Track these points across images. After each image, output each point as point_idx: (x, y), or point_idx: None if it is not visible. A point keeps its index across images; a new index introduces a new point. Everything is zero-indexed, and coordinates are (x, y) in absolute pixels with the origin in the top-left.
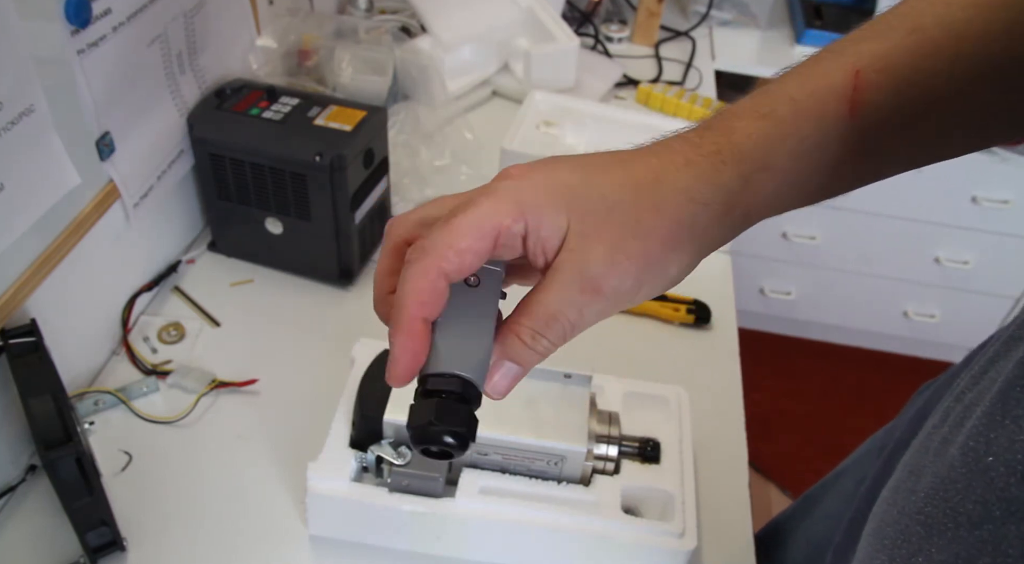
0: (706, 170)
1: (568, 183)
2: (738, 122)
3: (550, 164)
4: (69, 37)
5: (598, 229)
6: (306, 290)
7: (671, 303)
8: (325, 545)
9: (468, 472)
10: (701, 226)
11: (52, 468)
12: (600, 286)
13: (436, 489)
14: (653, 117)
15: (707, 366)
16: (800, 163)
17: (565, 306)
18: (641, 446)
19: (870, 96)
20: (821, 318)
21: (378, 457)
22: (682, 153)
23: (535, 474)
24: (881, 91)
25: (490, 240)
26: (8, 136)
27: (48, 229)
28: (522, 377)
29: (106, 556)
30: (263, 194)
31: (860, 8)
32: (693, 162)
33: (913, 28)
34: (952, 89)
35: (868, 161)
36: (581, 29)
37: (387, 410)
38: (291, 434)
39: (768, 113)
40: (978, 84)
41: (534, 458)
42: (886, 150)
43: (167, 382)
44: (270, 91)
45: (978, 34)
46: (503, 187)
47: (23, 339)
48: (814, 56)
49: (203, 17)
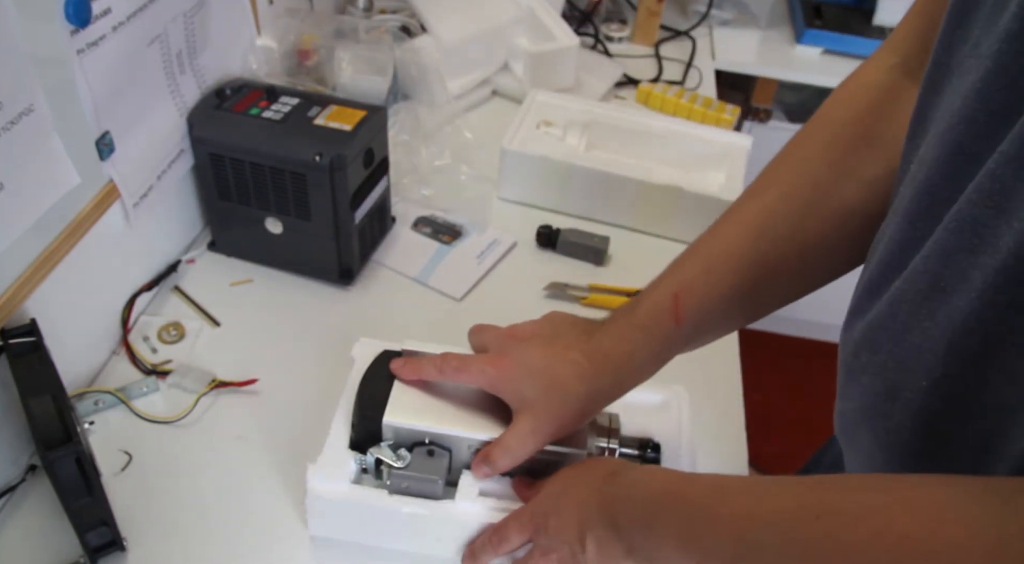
0: (593, 380)
1: (518, 376)
2: (614, 346)
3: (515, 356)
4: (69, 37)
5: (530, 410)
6: (306, 290)
7: None
8: (325, 546)
9: (468, 474)
10: (589, 411)
11: (52, 468)
12: (526, 442)
13: (435, 491)
14: (653, 117)
15: (707, 366)
16: (649, 361)
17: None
18: (641, 448)
19: (685, 309)
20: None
21: (377, 459)
22: (579, 366)
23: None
24: (691, 304)
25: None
26: (8, 136)
27: (48, 229)
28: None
29: (106, 556)
30: (263, 194)
31: (860, 8)
32: (586, 375)
33: (707, 260)
34: (727, 299)
35: (692, 344)
36: (581, 29)
37: (386, 412)
38: (291, 434)
39: (630, 339)
40: (741, 296)
41: (535, 461)
42: (703, 333)
43: (167, 382)
44: (270, 91)
45: (735, 267)
46: (488, 371)
47: (23, 339)
48: (654, 282)
49: (203, 17)
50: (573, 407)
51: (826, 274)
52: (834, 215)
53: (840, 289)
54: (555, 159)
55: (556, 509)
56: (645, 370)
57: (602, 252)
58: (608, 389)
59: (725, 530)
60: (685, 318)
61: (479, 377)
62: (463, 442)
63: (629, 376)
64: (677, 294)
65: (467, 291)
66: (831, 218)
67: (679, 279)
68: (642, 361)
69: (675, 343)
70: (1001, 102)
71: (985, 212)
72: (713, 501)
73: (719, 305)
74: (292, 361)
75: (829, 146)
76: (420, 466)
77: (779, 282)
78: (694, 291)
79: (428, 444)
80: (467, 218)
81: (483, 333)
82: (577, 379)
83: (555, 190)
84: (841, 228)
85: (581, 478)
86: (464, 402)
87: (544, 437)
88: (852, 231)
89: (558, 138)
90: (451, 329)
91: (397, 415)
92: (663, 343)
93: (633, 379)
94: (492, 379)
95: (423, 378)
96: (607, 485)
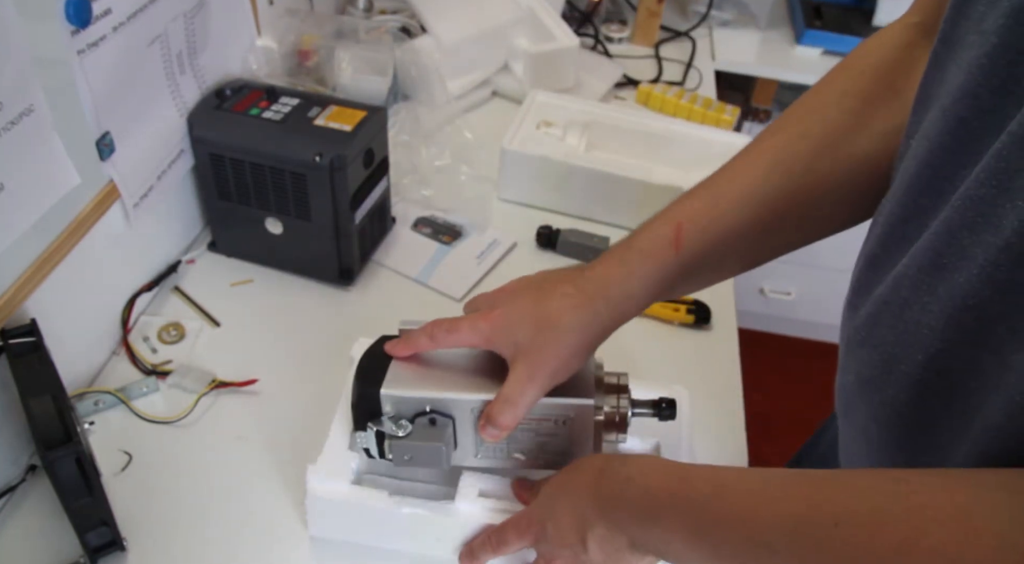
0: (586, 308)
1: (509, 323)
2: (607, 271)
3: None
4: (69, 37)
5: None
6: (306, 290)
7: (671, 303)
8: (325, 546)
9: (467, 475)
10: (585, 344)
11: (52, 468)
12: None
13: (440, 459)
14: (653, 117)
15: (707, 366)
16: (646, 287)
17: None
18: (655, 407)
19: (686, 238)
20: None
21: (378, 433)
22: (570, 297)
23: (543, 439)
24: (693, 234)
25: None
26: (8, 136)
27: (48, 229)
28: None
29: (106, 556)
30: (263, 194)
31: (860, 8)
32: (578, 305)
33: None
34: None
35: (690, 279)
36: (581, 29)
37: (383, 384)
38: (291, 434)
39: (626, 261)
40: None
41: (541, 420)
42: (702, 269)
43: (167, 382)
44: (270, 91)
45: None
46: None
47: (23, 339)
48: (656, 214)
49: (203, 17)
50: (568, 340)
51: (830, 223)
52: (847, 161)
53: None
54: (555, 159)
55: (552, 514)
56: (641, 297)
57: (602, 252)
58: (603, 317)
59: (732, 530)
60: (686, 247)
61: (471, 334)
62: (464, 405)
63: (624, 301)
64: (680, 223)
65: (467, 291)
66: (843, 164)
67: (683, 210)
68: (638, 287)
69: (673, 272)
70: (1004, 78)
71: (990, 191)
72: (714, 500)
73: (722, 239)
74: (292, 361)
75: (847, 94)
76: (423, 435)
77: (785, 223)
78: (697, 221)
79: (429, 413)
80: (467, 218)
81: (475, 299)
82: (569, 310)
83: (555, 190)
84: (852, 176)
85: (572, 480)
86: (463, 369)
87: (543, 380)
88: (861, 181)
89: (558, 138)
90: None
91: (395, 386)
92: (661, 270)
93: (628, 306)
94: (484, 333)
95: (417, 350)
96: (599, 484)
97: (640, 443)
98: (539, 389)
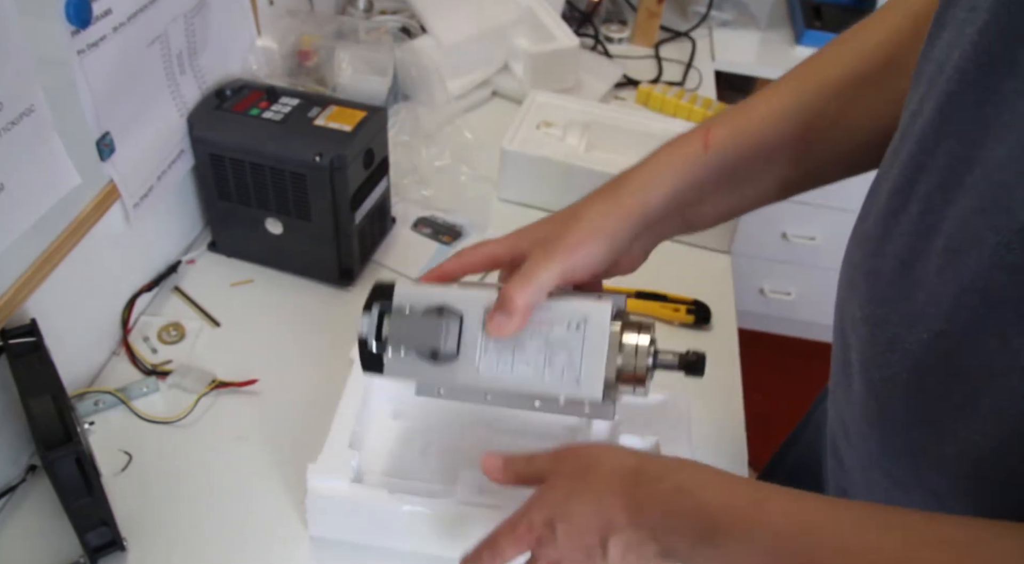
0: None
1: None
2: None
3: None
4: (69, 37)
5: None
6: (306, 290)
7: (671, 303)
8: (325, 545)
9: (467, 474)
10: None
11: (52, 468)
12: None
13: (439, 343)
14: (653, 118)
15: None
16: (673, 178)
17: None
18: (682, 357)
19: (715, 138)
20: (821, 318)
21: (381, 312)
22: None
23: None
24: (722, 135)
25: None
26: (8, 136)
27: (48, 229)
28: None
29: (106, 556)
30: (263, 194)
31: (859, 8)
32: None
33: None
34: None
35: (716, 185)
36: (581, 29)
37: (397, 282)
38: (291, 434)
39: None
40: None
41: (553, 324)
42: (730, 175)
43: (167, 382)
44: (270, 91)
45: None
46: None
47: (23, 339)
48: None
49: (203, 17)
50: (587, 222)
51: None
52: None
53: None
54: (555, 159)
55: (566, 514)
56: (666, 185)
57: None
58: (624, 201)
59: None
60: (714, 149)
61: (495, 245)
62: (477, 302)
63: (647, 186)
64: (710, 128)
65: None
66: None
67: (714, 119)
68: (666, 174)
69: (701, 170)
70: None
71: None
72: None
73: (754, 149)
74: (292, 361)
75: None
76: (427, 318)
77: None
78: (727, 127)
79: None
80: (467, 219)
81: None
82: (592, 202)
83: (555, 190)
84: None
85: (593, 477)
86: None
87: (562, 258)
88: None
89: (558, 138)
90: None
91: (410, 284)
92: (687, 163)
93: (652, 191)
94: (509, 239)
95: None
96: (634, 488)
97: (640, 442)
98: (557, 268)
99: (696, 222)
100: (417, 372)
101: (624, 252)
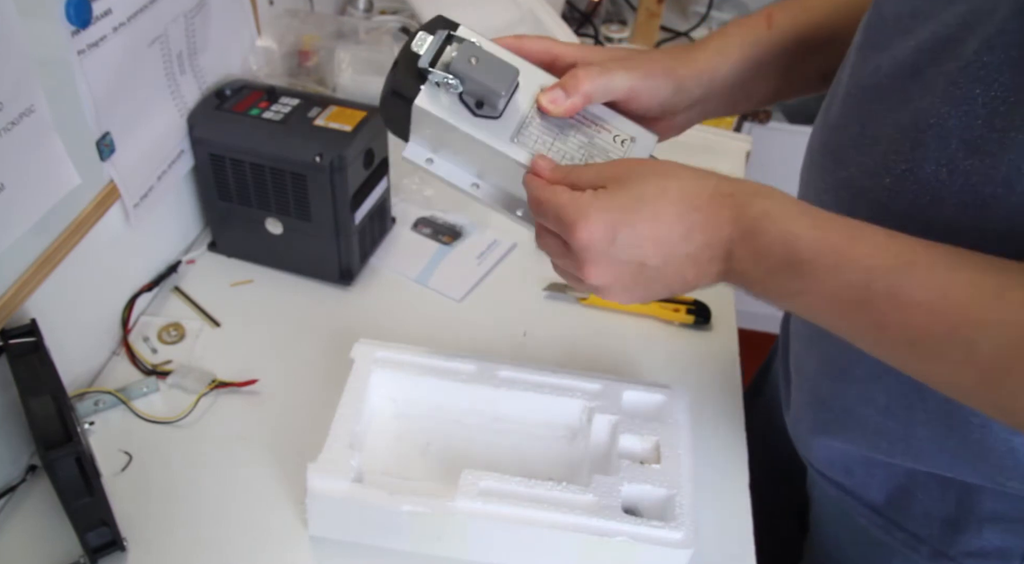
0: (673, 50)
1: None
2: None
3: (601, 48)
4: (69, 37)
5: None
6: (306, 290)
7: (671, 303)
8: (325, 546)
9: (467, 474)
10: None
11: (52, 468)
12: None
13: (498, 87)
14: None
15: (707, 366)
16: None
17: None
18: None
19: (777, 19)
20: None
21: (449, 35)
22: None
23: (591, 152)
24: (783, 18)
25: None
26: (8, 136)
27: (48, 229)
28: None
29: (106, 556)
30: (263, 194)
31: None
32: (667, 49)
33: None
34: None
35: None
36: (581, 29)
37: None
38: (291, 434)
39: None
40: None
41: (602, 127)
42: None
43: (167, 382)
44: (270, 91)
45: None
46: (575, 46)
47: (23, 339)
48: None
49: (203, 17)
50: (666, 66)
51: None
52: None
53: None
54: None
55: (630, 221)
56: (735, 57)
57: None
58: (701, 65)
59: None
60: (776, 27)
61: (561, 45)
62: (535, 77)
63: (722, 58)
64: (771, 11)
65: (467, 292)
66: None
67: (774, 6)
68: (736, 47)
69: (763, 45)
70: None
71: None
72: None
73: (812, 32)
74: (292, 361)
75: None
76: (494, 62)
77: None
78: (787, 10)
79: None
80: (467, 219)
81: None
82: (666, 55)
83: None
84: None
85: (672, 188)
86: None
87: (638, 77)
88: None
89: None
90: (451, 330)
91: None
92: (753, 38)
93: (724, 61)
94: (576, 48)
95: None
96: (723, 203)
97: (640, 441)
98: (630, 81)
99: (742, 102)
100: (447, 113)
101: (678, 111)
